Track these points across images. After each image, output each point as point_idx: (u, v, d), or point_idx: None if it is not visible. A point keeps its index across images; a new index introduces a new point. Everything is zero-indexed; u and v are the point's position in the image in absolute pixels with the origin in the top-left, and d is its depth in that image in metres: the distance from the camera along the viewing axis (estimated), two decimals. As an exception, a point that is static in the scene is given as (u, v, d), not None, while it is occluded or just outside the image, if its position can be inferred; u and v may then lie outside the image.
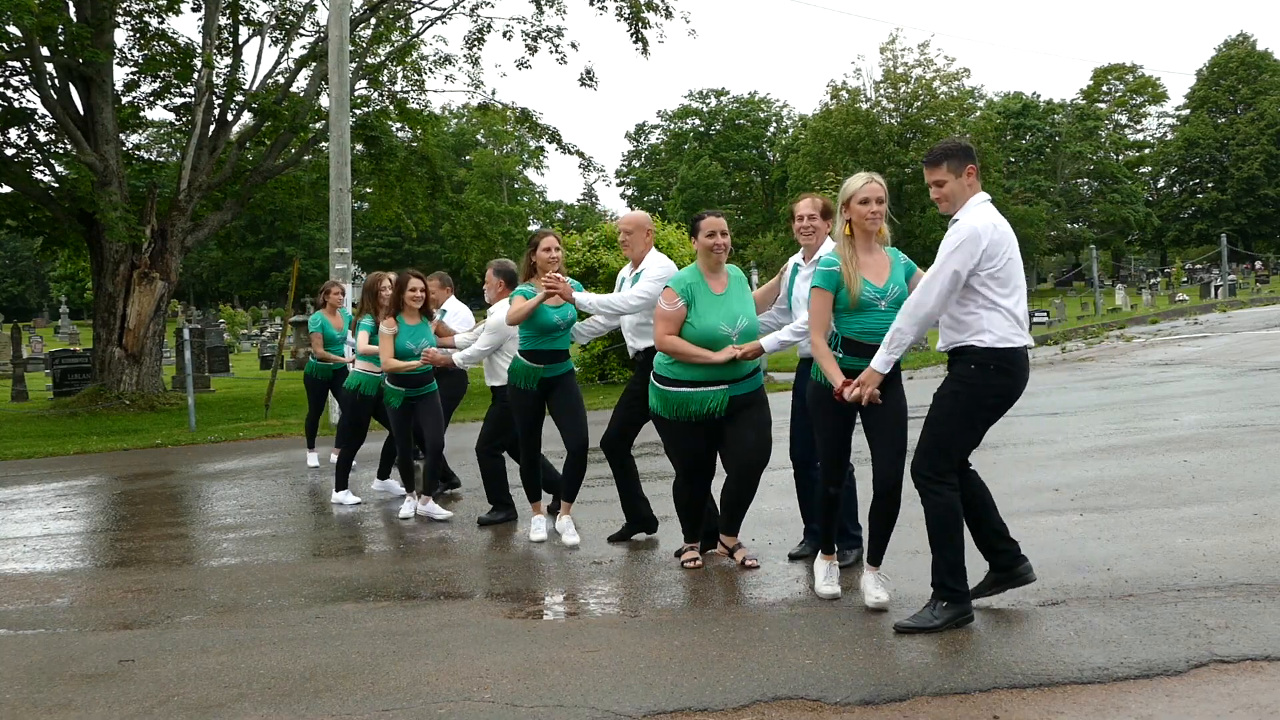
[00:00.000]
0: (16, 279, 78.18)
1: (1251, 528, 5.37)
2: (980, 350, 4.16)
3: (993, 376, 4.17)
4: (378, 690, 3.88)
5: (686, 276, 5.16)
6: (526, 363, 6.07)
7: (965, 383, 4.20)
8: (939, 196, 4.33)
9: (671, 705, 3.57)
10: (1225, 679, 3.52)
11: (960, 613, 4.18)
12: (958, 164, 4.25)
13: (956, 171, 4.25)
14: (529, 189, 76.86)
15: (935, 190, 4.32)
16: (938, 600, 4.20)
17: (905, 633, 4.13)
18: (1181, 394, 11.20)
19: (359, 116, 20.48)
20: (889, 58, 56.18)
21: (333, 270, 14.35)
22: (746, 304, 5.19)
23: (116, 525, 7.93)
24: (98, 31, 18.06)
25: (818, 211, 5.23)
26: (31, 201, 19.70)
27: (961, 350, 4.22)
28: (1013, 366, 4.19)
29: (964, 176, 4.26)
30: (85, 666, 4.38)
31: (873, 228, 4.46)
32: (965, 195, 4.27)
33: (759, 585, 5.06)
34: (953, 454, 4.23)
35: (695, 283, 5.11)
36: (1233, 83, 63.34)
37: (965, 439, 4.25)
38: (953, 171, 4.25)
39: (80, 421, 16.41)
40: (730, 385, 5.10)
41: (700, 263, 5.20)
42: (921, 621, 4.15)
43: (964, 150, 4.32)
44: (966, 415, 4.22)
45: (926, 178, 4.35)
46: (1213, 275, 43.98)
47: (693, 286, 5.10)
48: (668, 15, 21.01)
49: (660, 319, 5.11)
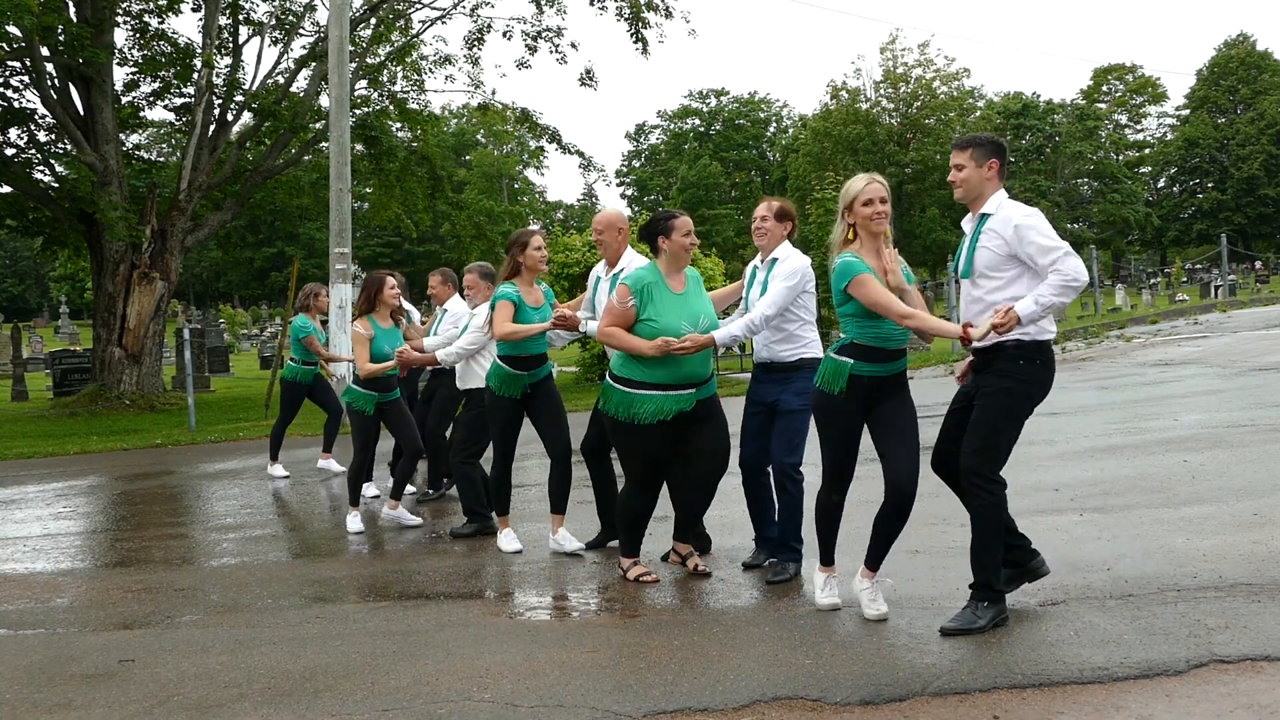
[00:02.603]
0: (16, 279, 78.18)
1: (1251, 528, 5.37)
2: (1027, 344, 4.19)
3: (1038, 371, 4.22)
4: (378, 690, 3.88)
5: (646, 275, 4.97)
6: (509, 369, 5.82)
7: (1015, 378, 4.20)
8: (956, 180, 4.37)
9: (671, 705, 3.57)
10: (1225, 679, 3.52)
11: (999, 611, 4.19)
12: (982, 155, 4.30)
13: (978, 161, 4.29)
14: (529, 189, 76.85)
15: (954, 173, 4.37)
16: (979, 600, 4.19)
17: (951, 635, 4.08)
18: (1181, 394, 11.20)
19: (359, 116, 20.48)
20: (889, 58, 56.26)
21: (333, 270, 14.35)
22: (706, 304, 5.11)
23: (116, 525, 7.93)
24: (98, 31, 18.06)
25: (771, 214, 5.23)
26: (31, 201, 19.70)
27: (1007, 345, 4.21)
28: (1051, 360, 4.27)
29: (984, 169, 4.30)
30: (85, 666, 4.38)
31: (878, 229, 4.36)
32: (982, 188, 4.31)
33: (758, 586, 5.06)
34: (1005, 451, 4.24)
35: (654, 281, 4.94)
36: (1233, 83, 63.33)
37: (1015, 435, 4.27)
38: (974, 160, 4.29)
39: (80, 421, 16.41)
40: (696, 389, 4.99)
41: (667, 263, 5.02)
42: (966, 622, 4.12)
43: (994, 144, 4.37)
44: (1018, 411, 4.24)
45: (951, 160, 4.40)
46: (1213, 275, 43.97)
47: (651, 285, 4.92)
48: (668, 15, 21.03)
49: (608, 312, 5.00)
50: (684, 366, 4.93)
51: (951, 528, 5.64)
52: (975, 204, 4.35)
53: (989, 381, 4.25)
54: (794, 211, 5.39)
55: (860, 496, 6.86)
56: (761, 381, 5.26)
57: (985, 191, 4.31)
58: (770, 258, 5.22)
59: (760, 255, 5.34)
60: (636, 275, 5.02)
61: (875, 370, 4.34)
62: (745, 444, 5.32)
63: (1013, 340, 4.17)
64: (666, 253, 5.04)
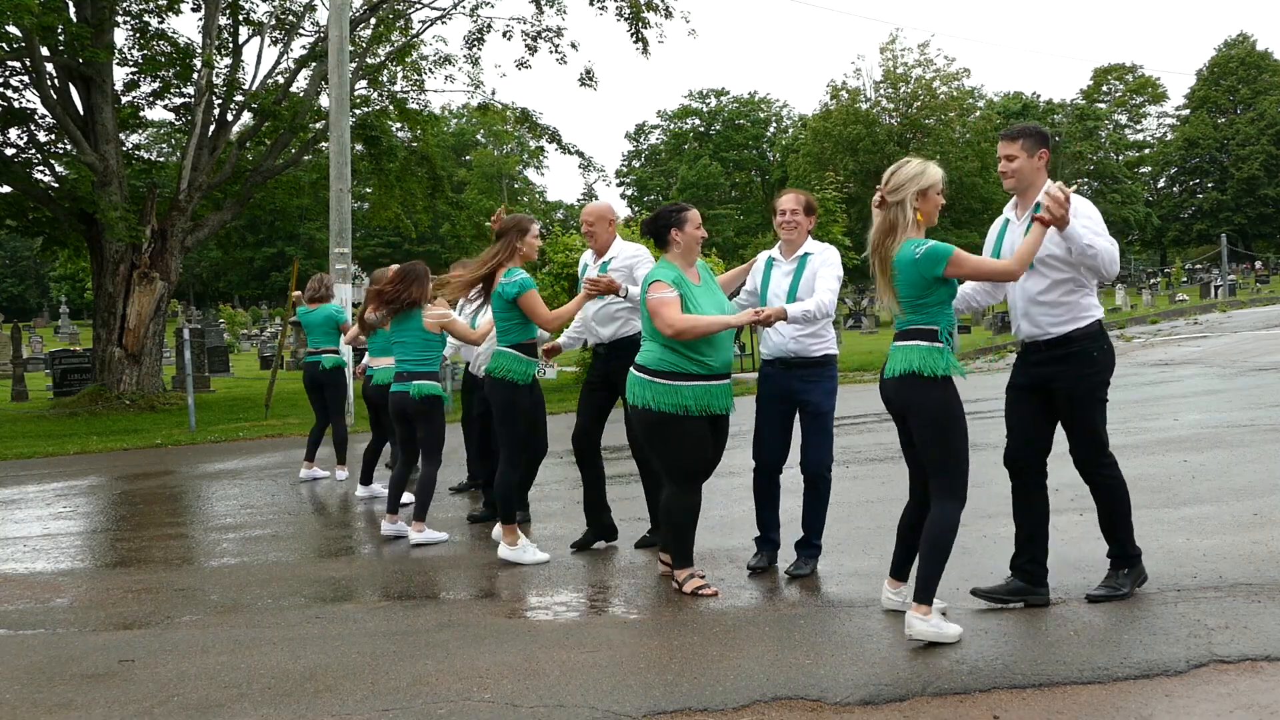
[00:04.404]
0: (16, 279, 78.17)
1: (1251, 528, 5.37)
2: (1094, 329, 4.31)
3: (1108, 355, 4.37)
4: (378, 690, 3.88)
5: (669, 270, 4.86)
6: (522, 356, 5.65)
7: (1095, 366, 4.33)
8: (1008, 170, 4.38)
9: (671, 705, 3.57)
10: (1225, 679, 3.51)
11: (1139, 574, 4.47)
12: (1033, 145, 4.34)
13: (1030, 151, 4.34)
14: (529, 189, 76.82)
15: (1005, 164, 4.38)
16: (1119, 569, 4.44)
17: (1097, 601, 4.33)
18: (1181, 394, 11.21)
19: (359, 116, 20.47)
20: (889, 58, 56.19)
21: (333, 270, 14.35)
22: (722, 294, 5.07)
23: (116, 525, 7.93)
24: (98, 31, 18.05)
25: (801, 207, 5.19)
26: (31, 201, 19.69)
27: (1076, 335, 4.29)
28: (1108, 341, 4.41)
29: (1036, 159, 4.35)
30: (85, 666, 4.38)
31: (934, 222, 4.28)
32: (1033, 178, 4.36)
33: (759, 586, 5.05)
34: (1104, 437, 4.41)
35: (679, 277, 4.87)
36: (1233, 83, 63.37)
37: (1106, 416, 4.43)
38: (1026, 150, 4.33)
39: (80, 421, 16.40)
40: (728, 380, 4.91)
41: (681, 256, 4.94)
42: (1113, 589, 4.38)
43: (1043, 135, 4.42)
44: (1102, 395, 4.39)
45: (1000, 151, 4.40)
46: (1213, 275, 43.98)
47: (680, 279, 4.85)
48: (668, 15, 21.02)
49: (664, 305, 4.74)
50: (724, 353, 4.88)
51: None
52: (1026, 195, 4.38)
53: (1070, 380, 4.31)
54: (817, 203, 5.42)
55: (860, 496, 6.87)
56: (782, 376, 5.14)
57: (1037, 182, 4.36)
58: (802, 252, 5.14)
59: (781, 248, 5.24)
60: (662, 271, 4.88)
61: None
62: (765, 443, 5.20)
63: (1080, 327, 4.27)
64: (680, 245, 4.94)
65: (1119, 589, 4.38)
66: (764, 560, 5.28)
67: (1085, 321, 4.29)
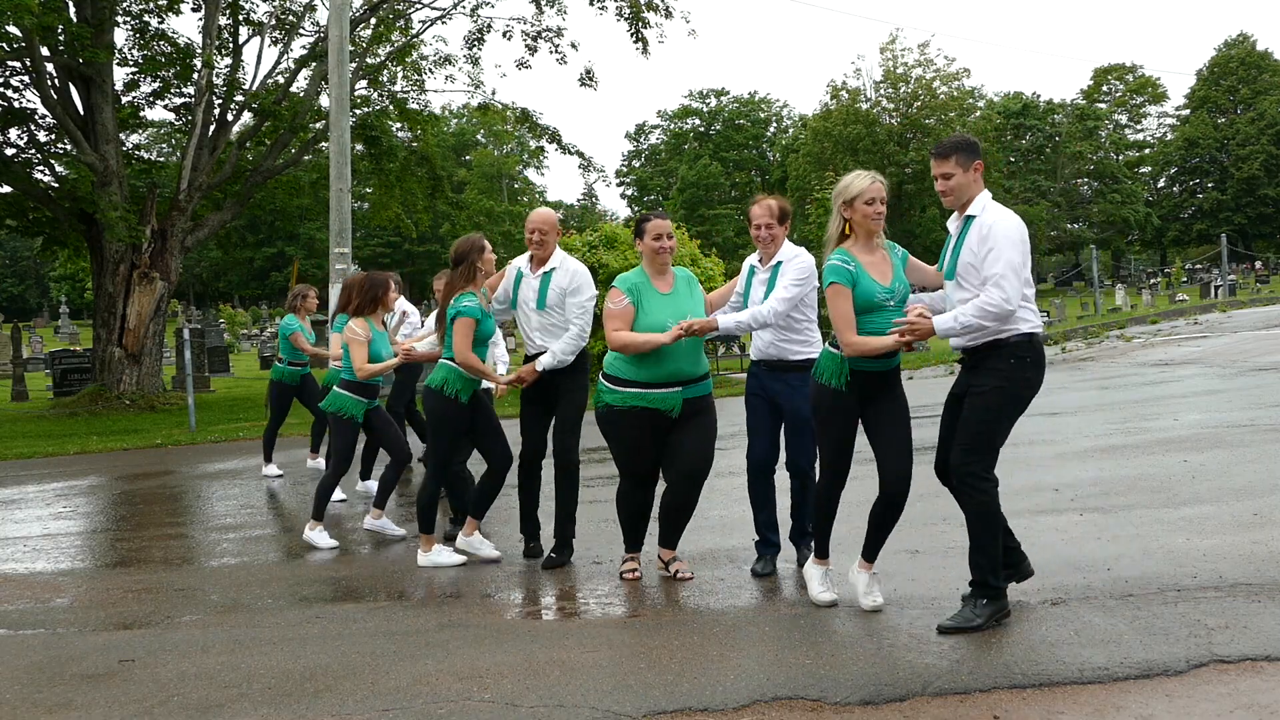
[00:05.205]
0: (16, 279, 78.19)
1: (1251, 528, 5.37)
2: (1018, 342, 4.19)
3: (1029, 369, 4.23)
4: (378, 690, 3.88)
5: (632, 277, 5.11)
6: (464, 373, 5.69)
7: (1007, 377, 4.20)
8: (946, 189, 4.34)
9: (671, 705, 3.57)
10: (1225, 679, 3.51)
11: (999, 609, 4.19)
12: (966, 158, 4.28)
13: (965, 166, 4.28)
14: (529, 189, 76.82)
15: (942, 183, 4.34)
16: (978, 598, 4.18)
17: (948, 633, 4.08)
18: (1181, 394, 11.21)
19: (359, 116, 20.48)
20: (889, 58, 56.22)
21: (333, 270, 14.34)
22: (696, 303, 5.13)
23: (116, 525, 7.93)
24: (98, 31, 18.06)
25: (774, 218, 5.18)
26: (31, 201, 19.70)
27: (998, 344, 4.21)
28: (1041, 358, 4.28)
29: (971, 171, 4.29)
30: (85, 666, 4.38)
31: (877, 228, 4.42)
32: (971, 190, 4.31)
33: (759, 586, 5.06)
34: (996, 450, 4.25)
35: (641, 283, 5.07)
36: (1233, 83, 63.38)
37: (1005, 434, 4.28)
38: (961, 165, 4.28)
39: (80, 421, 16.41)
40: (683, 387, 5.02)
41: (646, 265, 5.14)
42: (964, 621, 4.12)
43: (972, 145, 4.36)
44: (1009, 410, 4.23)
45: (934, 169, 4.36)
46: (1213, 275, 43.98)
47: (638, 286, 5.05)
48: (668, 15, 21.03)
49: (610, 317, 5.02)
50: (669, 365, 4.97)
51: (951, 527, 5.63)
52: (962, 207, 4.35)
53: (980, 380, 4.24)
54: (790, 206, 5.37)
55: (859, 497, 6.86)
56: (766, 377, 5.21)
57: (972, 193, 4.31)
58: (776, 259, 5.15)
59: (759, 257, 5.29)
60: (624, 277, 5.15)
61: (872, 366, 4.37)
62: (756, 441, 5.27)
63: (1002, 338, 4.17)
64: (642, 254, 5.17)
65: (971, 620, 4.10)
66: (769, 565, 5.28)
67: (1008, 333, 4.18)
